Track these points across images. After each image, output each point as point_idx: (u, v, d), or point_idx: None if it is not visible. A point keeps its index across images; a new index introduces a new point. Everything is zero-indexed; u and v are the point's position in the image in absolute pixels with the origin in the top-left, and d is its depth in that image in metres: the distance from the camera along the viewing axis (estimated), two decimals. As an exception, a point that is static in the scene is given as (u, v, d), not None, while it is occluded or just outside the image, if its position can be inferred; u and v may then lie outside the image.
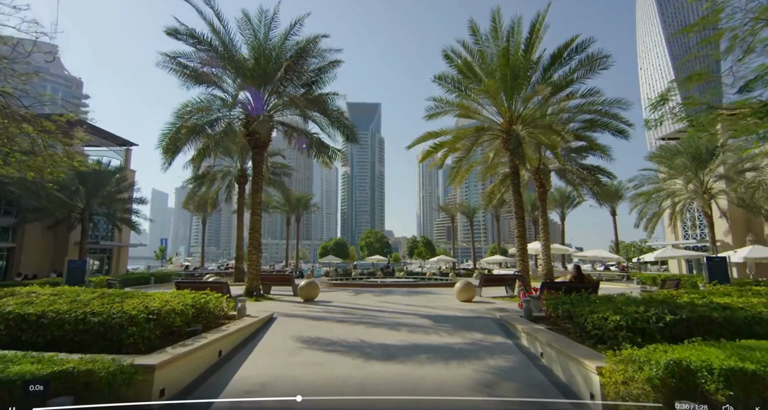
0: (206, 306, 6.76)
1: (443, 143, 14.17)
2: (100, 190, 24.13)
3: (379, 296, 14.20)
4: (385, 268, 51.16)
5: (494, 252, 63.66)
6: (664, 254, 23.94)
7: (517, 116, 13.45)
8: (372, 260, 53.22)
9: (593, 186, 21.22)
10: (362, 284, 25.55)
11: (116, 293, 7.14)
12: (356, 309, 10.56)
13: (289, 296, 13.62)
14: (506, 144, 13.53)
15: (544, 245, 22.80)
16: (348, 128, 13.90)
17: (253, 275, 13.22)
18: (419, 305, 11.35)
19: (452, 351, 6.25)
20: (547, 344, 5.74)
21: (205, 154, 14.25)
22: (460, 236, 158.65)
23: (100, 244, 28.19)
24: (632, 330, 4.95)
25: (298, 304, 11.60)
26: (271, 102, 13.44)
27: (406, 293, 15.39)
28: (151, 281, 21.26)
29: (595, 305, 6.01)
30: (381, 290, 17.27)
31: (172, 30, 12.08)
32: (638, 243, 55.49)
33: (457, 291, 12.28)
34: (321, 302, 12.10)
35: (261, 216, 13.69)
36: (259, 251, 13.44)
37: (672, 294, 7.50)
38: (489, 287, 14.27)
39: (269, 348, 6.46)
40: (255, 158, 13.62)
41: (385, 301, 12.50)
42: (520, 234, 13.35)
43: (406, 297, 13.74)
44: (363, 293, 15.17)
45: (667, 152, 24.57)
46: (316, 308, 10.79)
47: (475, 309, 10.49)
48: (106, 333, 5.03)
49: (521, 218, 13.37)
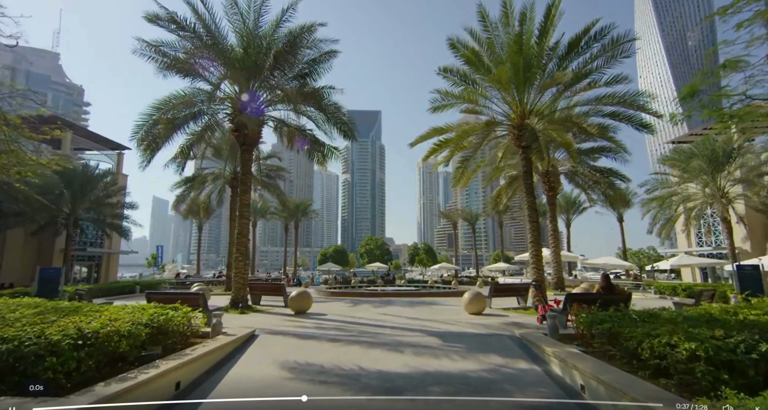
0: (167, 325, 5.53)
1: (448, 140, 13.02)
2: (87, 194, 22.97)
3: (378, 307, 12.93)
4: (386, 276, 49.70)
5: (497, 259, 62.29)
6: (681, 262, 22.64)
7: (530, 110, 12.33)
8: (372, 267, 51.81)
9: (606, 189, 20.07)
10: (361, 294, 24.22)
11: (64, 308, 5.94)
12: (353, 324, 9.29)
13: (280, 308, 12.36)
14: (518, 141, 12.39)
15: (553, 252, 21.57)
16: (345, 125, 12.80)
17: (240, 285, 11.97)
18: (424, 319, 10.09)
19: (469, 383, 5.00)
20: (592, 376, 4.49)
21: (189, 152, 13.13)
22: (461, 244, 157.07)
23: (88, 251, 26.93)
24: (714, 362, 3.71)
25: (287, 317, 10.34)
26: (261, 96, 12.36)
27: (408, 304, 14.11)
28: (136, 291, 19.97)
29: (650, 326, 4.78)
30: (381, 300, 16.00)
31: (153, 16, 11.04)
32: (645, 251, 54.12)
33: (465, 303, 11.03)
34: (314, 315, 10.84)
35: (249, 219, 12.49)
36: (247, 257, 12.21)
37: (730, 310, 6.27)
38: (499, 297, 13.01)
39: (241, 379, 5.20)
40: (243, 156, 12.49)
41: (386, 313, 11.24)
42: (534, 239, 12.13)
43: (409, 309, 12.47)
44: (361, 304, 13.89)
45: (681, 155, 23.45)
46: (308, 322, 9.53)
47: (488, 324, 9.23)
48: (17, 365, 3.81)
49: (535, 222, 12.16)
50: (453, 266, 51.87)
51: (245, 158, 12.47)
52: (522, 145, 12.27)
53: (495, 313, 11.15)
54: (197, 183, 20.47)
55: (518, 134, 12.24)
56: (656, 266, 25.83)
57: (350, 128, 12.89)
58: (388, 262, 66.45)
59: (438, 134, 13.18)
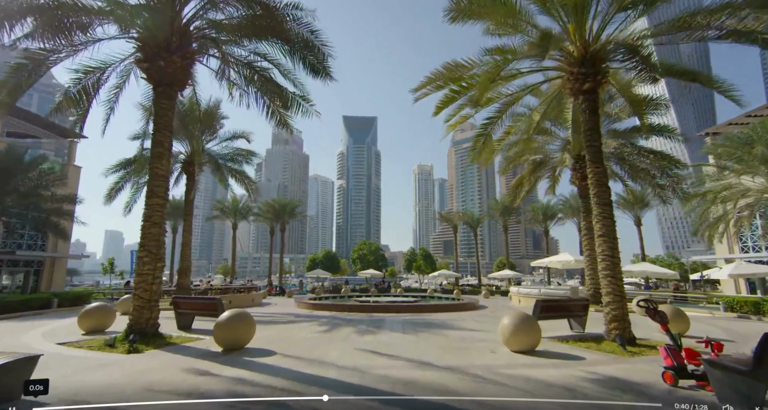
0: None
1: (468, 85, 8.72)
2: (10, 183, 18.43)
3: (365, 335, 8.47)
4: (380, 284, 44.95)
5: (500, 266, 57.86)
6: (742, 270, 18.40)
7: (596, 38, 8.11)
8: (365, 274, 47.17)
9: (660, 178, 15.81)
10: (349, 307, 19.68)
11: None
12: (305, 386, 4.83)
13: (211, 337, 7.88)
14: (577, 84, 8.14)
15: (588, 256, 17.28)
16: (315, 55, 8.51)
17: (143, 303, 7.49)
18: (443, 368, 5.61)
19: None
20: None
21: (89, 98, 8.79)
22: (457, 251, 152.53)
23: (17, 254, 22.18)
24: None
25: (200, 361, 5.89)
26: (187, 6, 8.06)
27: (408, 327, 9.70)
28: (53, 305, 15.37)
29: None
30: (371, 317, 11.58)
31: None
32: (664, 258, 49.88)
33: (507, 333, 6.64)
34: (252, 353, 6.38)
35: (165, 199, 8.08)
36: (158, 260, 7.76)
37: None
38: (543, 319, 8.63)
39: None
40: (157, 102, 8.11)
41: (375, 351, 6.78)
42: (606, 231, 7.77)
43: (411, 338, 8.06)
44: (341, 328, 9.41)
45: (733, 142, 19.45)
46: (220, 380, 5.06)
47: (570, 382, 4.81)
48: None
49: (607, 203, 7.86)
50: (453, 274, 47.48)
51: (161, 105, 8.09)
52: (585, 88, 8.03)
53: (554, 351, 6.76)
54: (139, 166, 16.05)
55: (579, 73, 8.01)
56: (707, 274, 21.57)
57: (321, 61, 8.57)
58: (383, 269, 61.69)
59: (453, 81, 8.88)
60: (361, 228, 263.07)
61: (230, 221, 45.92)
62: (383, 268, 63.19)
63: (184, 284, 16.67)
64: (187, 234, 17.37)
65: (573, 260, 21.58)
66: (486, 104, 9.48)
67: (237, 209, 45.69)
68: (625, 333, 7.25)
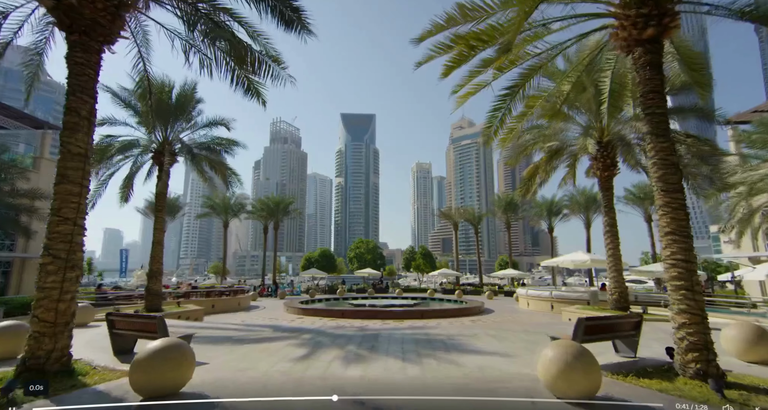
0: None
1: (488, 37, 6.65)
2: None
3: (351, 365, 6.38)
4: (378, 284, 42.94)
5: (502, 265, 55.76)
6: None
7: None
8: (363, 273, 45.23)
9: (696, 167, 13.76)
10: (341, 313, 17.70)
11: None
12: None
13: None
14: (632, 38, 6.10)
15: (612, 255, 15.25)
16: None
17: (45, 327, 5.44)
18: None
19: None
20: None
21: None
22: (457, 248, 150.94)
23: (-23, 254, 20.09)
24: None
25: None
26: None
27: (410, 347, 7.68)
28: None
29: None
30: (364, 332, 9.54)
31: None
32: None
33: (553, 372, 4.58)
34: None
35: (85, 186, 6.02)
36: (70, 268, 5.69)
37: None
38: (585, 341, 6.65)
39: None
40: (72, 57, 6.03)
41: (362, 400, 4.74)
42: (676, 228, 5.69)
43: (413, 369, 6.01)
44: (323, 352, 7.34)
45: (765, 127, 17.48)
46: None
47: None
48: None
49: (677, 190, 5.82)
50: (454, 273, 45.64)
51: (75, 59, 5.99)
52: (645, 36, 5.98)
53: (619, 397, 4.74)
54: (99, 156, 13.94)
55: (639, 15, 5.96)
56: (739, 276, 19.63)
57: (295, 10, 6.48)
58: (380, 268, 59.67)
59: (465, 17, 6.73)
60: (360, 226, 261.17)
61: (222, 219, 43.85)
62: (381, 267, 61.18)
63: (155, 290, 14.60)
64: (158, 232, 15.29)
65: (588, 260, 19.62)
66: (512, 64, 7.42)
67: (228, 206, 43.57)
68: (710, 369, 5.24)
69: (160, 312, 14.29)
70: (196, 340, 8.48)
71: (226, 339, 8.72)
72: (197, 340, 8.40)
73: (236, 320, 16.37)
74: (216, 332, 9.99)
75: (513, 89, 8.35)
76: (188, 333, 6.40)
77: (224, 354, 7.23)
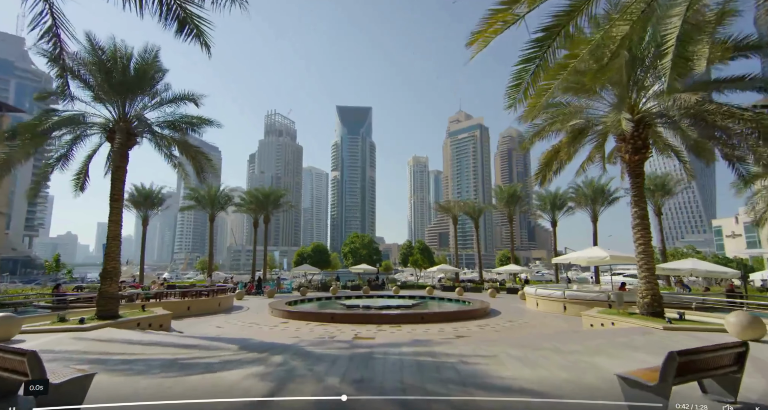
0: None
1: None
2: None
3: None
4: (374, 280, 40.62)
5: (504, 260, 53.99)
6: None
7: None
8: (358, 269, 43.09)
9: (751, 149, 11.61)
10: (330, 317, 15.54)
11: None
12: None
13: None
14: None
15: (643, 251, 13.13)
16: None
17: None
18: None
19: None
20: None
21: None
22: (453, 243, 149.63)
23: None
24: None
25: None
26: None
27: (413, 370, 5.55)
28: None
29: None
30: (354, 349, 7.38)
31: None
32: (683, 250, 46.05)
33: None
34: None
35: None
36: None
37: None
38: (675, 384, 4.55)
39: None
40: None
41: None
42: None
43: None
44: (294, 387, 5.18)
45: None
46: None
47: None
48: None
49: None
50: (452, 268, 43.73)
51: None
52: None
53: None
54: (30, 130, 11.56)
55: None
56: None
57: None
58: (377, 263, 57.53)
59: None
60: (356, 220, 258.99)
61: (207, 212, 41.46)
62: (377, 262, 59.09)
63: (109, 293, 12.29)
64: (114, 226, 12.95)
65: (608, 256, 17.55)
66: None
67: (215, 199, 41.15)
68: None
69: (115, 318, 12.11)
70: (121, 368, 6.29)
71: (167, 366, 6.53)
72: (122, 369, 6.21)
73: (210, 326, 14.24)
74: (161, 351, 7.78)
75: (552, 30, 6.13)
76: (78, 376, 4.20)
77: (147, 397, 5.03)
